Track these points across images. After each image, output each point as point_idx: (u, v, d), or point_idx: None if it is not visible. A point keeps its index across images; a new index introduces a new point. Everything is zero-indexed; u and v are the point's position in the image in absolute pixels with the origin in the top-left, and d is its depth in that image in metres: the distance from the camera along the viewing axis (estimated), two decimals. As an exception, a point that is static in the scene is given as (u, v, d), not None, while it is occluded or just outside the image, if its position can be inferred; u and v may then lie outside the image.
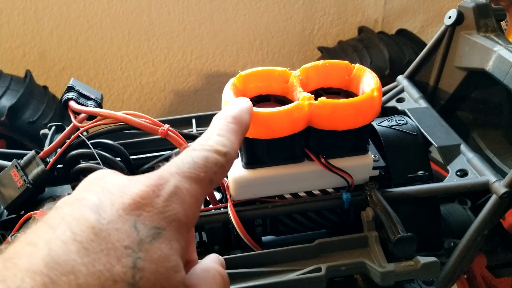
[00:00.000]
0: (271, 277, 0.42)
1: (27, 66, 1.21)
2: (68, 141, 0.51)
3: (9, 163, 0.57)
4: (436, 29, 1.31)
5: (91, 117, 0.54)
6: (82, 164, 0.49)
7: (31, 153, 0.52)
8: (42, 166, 0.51)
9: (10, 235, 0.44)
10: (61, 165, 0.52)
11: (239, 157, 0.48)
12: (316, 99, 0.43)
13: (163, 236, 0.25)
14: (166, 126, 0.49)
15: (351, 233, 0.46)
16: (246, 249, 0.50)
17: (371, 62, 0.99)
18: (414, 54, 1.02)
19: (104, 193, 0.25)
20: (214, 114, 0.73)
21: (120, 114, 0.49)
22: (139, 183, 0.26)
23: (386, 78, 0.93)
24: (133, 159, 0.54)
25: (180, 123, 0.66)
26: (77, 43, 1.25)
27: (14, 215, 0.53)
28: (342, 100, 0.43)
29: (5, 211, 0.55)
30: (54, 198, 0.51)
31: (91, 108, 0.53)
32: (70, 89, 0.56)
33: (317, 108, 0.42)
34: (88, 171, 0.50)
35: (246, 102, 0.38)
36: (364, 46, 1.06)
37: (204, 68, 1.38)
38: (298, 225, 0.51)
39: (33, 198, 0.51)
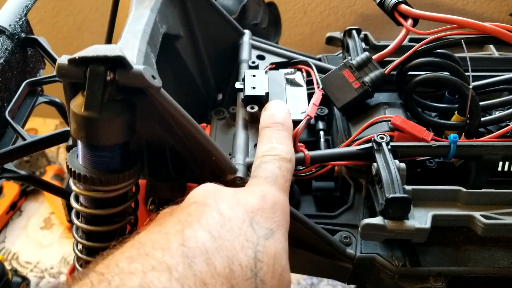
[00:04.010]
0: None
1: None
2: (414, 47, 0.48)
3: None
4: None
5: (415, 22, 0.51)
6: (434, 74, 0.47)
7: (364, 55, 0.51)
8: (381, 70, 0.49)
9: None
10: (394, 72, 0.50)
11: None
12: None
13: (275, 237, 0.28)
14: (542, 44, 0.44)
15: None
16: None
17: None
18: None
19: (221, 200, 0.29)
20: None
21: (487, 24, 0.45)
22: (248, 194, 0.31)
23: None
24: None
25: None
26: None
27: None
28: None
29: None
30: (388, 104, 0.50)
31: (439, 14, 0.49)
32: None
33: None
34: (432, 81, 0.48)
35: (284, 106, 0.43)
36: None
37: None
38: None
39: (363, 101, 0.51)
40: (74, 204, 0.38)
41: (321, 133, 0.57)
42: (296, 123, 0.44)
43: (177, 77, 0.55)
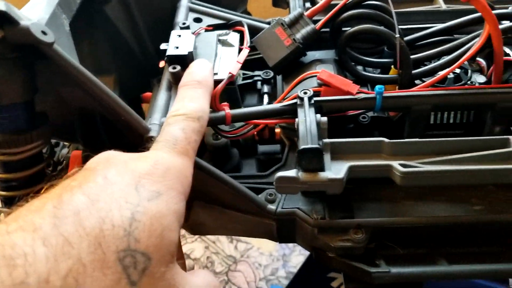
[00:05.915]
0: None
1: None
2: (343, 1, 0.47)
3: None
4: None
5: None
6: (362, 26, 0.45)
7: (297, 11, 0.49)
8: (312, 26, 0.48)
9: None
10: (326, 29, 0.49)
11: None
12: None
13: (161, 199, 0.28)
14: (470, -13, 0.42)
15: None
16: None
17: None
18: None
19: (112, 166, 0.29)
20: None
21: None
22: (140, 160, 0.30)
23: None
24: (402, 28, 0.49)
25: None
26: None
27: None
28: None
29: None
30: (321, 60, 0.49)
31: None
32: None
33: None
34: (367, 33, 0.46)
35: (207, 64, 0.42)
36: None
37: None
38: None
39: (297, 60, 0.50)
40: (-15, 169, 0.38)
41: (265, 96, 0.56)
42: (220, 82, 0.44)
43: (113, 46, 0.54)
